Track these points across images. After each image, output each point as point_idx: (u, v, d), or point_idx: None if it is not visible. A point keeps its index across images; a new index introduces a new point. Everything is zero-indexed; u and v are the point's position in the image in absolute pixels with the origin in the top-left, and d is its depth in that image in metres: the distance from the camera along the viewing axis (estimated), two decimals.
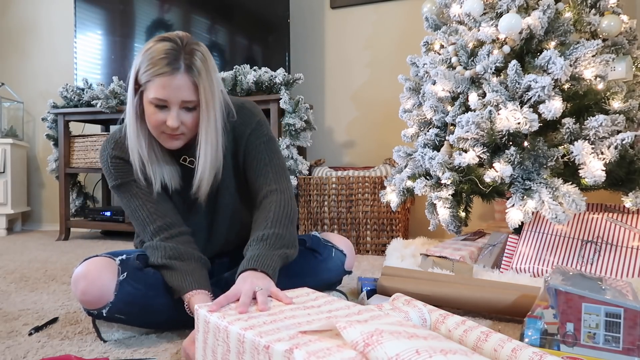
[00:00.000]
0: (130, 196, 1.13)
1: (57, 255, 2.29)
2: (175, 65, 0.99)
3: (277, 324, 0.72)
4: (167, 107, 1.02)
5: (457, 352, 0.59)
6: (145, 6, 2.81)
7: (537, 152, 1.49)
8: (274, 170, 1.15)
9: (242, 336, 0.70)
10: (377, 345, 0.58)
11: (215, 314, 0.79)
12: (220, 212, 1.22)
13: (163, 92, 0.99)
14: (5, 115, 3.32)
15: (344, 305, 0.83)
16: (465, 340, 0.95)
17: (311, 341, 0.64)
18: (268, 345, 0.64)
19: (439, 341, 0.63)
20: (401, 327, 0.67)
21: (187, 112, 1.04)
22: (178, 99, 1.00)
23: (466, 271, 1.47)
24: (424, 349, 0.57)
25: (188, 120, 1.04)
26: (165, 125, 1.03)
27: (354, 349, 0.61)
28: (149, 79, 1.00)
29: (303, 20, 2.81)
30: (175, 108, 1.01)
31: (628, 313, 0.83)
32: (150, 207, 1.12)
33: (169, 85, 0.99)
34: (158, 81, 0.99)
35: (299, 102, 2.32)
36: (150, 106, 1.02)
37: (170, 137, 1.05)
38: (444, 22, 1.90)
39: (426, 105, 1.77)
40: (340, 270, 1.31)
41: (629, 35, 1.72)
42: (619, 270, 1.42)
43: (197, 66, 1.01)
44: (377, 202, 2.26)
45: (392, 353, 0.56)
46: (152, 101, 1.01)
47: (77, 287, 1.01)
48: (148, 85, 1.01)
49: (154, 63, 0.99)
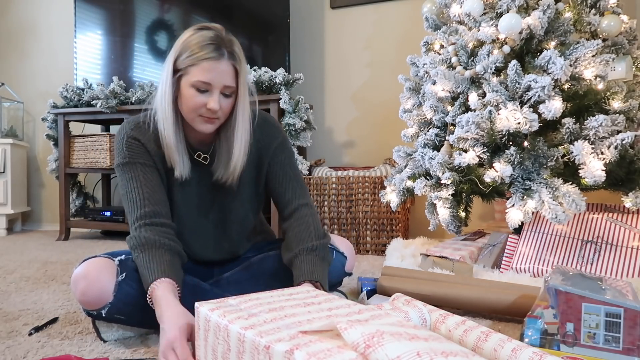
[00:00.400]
0: (132, 177, 1.13)
1: (57, 255, 2.29)
2: (220, 51, 1.05)
3: (278, 322, 0.72)
4: (208, 91, 1.07)
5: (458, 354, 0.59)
6: (145, 6, 2.81)
7: (537, 152, 1.49)
8: (300, 185, 1.24)
9: (242, 335, 0.69)
10: (378, 346, 0.58)
11: (216, 312, 0.78)
12: (230, 216, 1.24)
13: (208, 76, 1.05)
14: (5, 115, 3.32)
15: (344, 304, 0.83)
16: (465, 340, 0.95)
17: (312, 342, 0.64)
18: (268, 345, 0.64)
19: (440, 342, 0.63)
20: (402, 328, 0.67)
21: (225, 98, 1.09)
22: (221, 83, 1.06)
23: (466, 271, 1.47)
24: (425, 351, 0.57)
25: (225, 105, 1.10)
26: (204, 108, 1.07)
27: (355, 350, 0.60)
28: (192, 63, 1.05)
29: (303, 20, 2.81)
30: (217, 91, 1.07)
31: (628, 313, 0.83)
32: (146, 191, 1.12)
33: (214, 69, 1.05)
34: (204, 65, 1.04)
35: (299, 102, 2.32)
36: (190, 89, 1.06)
37: (207, 120, 1.09)
38: (444, 22, 1.90)
39: (426, 105, 1.77)
40: (341, 272, 1.31)
41: (629, 35, 1.72)
42: (619, 270, 1.42)
43: (238, 54, 1.09)
44: (377, 202, 2.26)
45: (393, 355, 0.56)
46: (195, 84, 1.05)
47: (77, 288, 1.01)
48: (191, 70, 1.06)
49: (200, 48, 1.05)
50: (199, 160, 1.19)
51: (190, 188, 1.19)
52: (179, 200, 1.19)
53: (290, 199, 1.22)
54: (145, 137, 1.14)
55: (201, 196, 1.21)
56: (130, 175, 1.13)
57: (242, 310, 0.79)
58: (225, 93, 1.09)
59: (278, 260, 1.23)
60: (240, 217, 1.26)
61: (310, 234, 1.15)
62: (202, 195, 1.21)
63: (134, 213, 1.10)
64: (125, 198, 1.13)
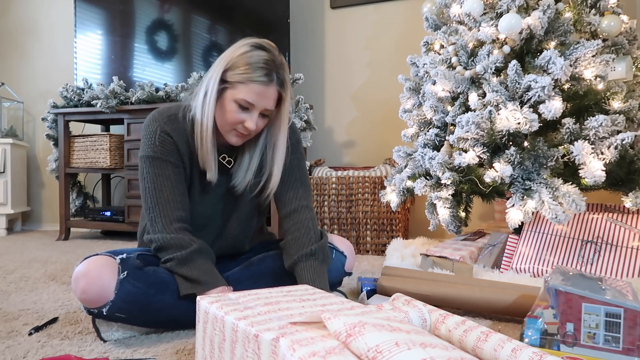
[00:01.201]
0: (162, 174, 1.13)
1: (57, 255, 2.29)
2: (271, 77, 1.09)
3: (270, 315, 0.75)
4: (249, 110, 1.10)
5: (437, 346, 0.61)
6: (145, 6, 2.81)
7: (537, 152, 1.49)
8: (304, 188, 1.26)
9: (235, 325, 0.73)
10: (359, 335, 0.60)
11: (214, 305, 0.82)
12: (234, 215, 1.26)
13: (254, 98, 1.08)
14: (5, 115, 3.32)
15: (338, 301, 0.86)
16: (465, 340, 0.95)
17: (298, 331, 0.67)
18: (257, 334, 0.67)
19: (421, 336, 0.65)
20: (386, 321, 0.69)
21: (262, 118, 1.13)
22: (264, 106, 1.10)
23: (466, 271, 1.47)
24: (404, 341, 0.59)
25: (260, 124, 1.14)
26: (241, 125, 1.11)
27: (337, 339, 0.63)
28: (242, 81, 1.07)
29: (303, 20, 2.81)
30: (257, 113, 1.10)
31: (628, 313, 0.83)
32: (178, 195, 1.14)
33: (262, 93, 1.08)
34: (253, 87, 1.07)
35: (299, 102, 2.32)
36: (233, 104, 1.09)
37: (239, 135, 1.13)
38: (444, 22, 1.90)
39: (426, 105, 1.77)
40: (341, 271, 1.31)
41: (629, 35, 1.72)
42: (619, 270, 1.42)
43: (286, 80, 1.13)
44: (377, 202, 2.26)
45: (372, 344, 0.58)
46: (239, 101, 1.08)
47: (78, 286, 1.01)
48: (239, 86, 1.08)
49: (253, 69, 1.07)
50: (223, 162, 1.21)
51: (209, 189, 1.21)
52: (197, 199, 1.21)
53: (291, 199, 1.23)
54: (178, 134, 1.15)
55: (216, 197, 1.23)
56: (161, 172, 1.13)
57: (240, 304, 0.82)
58: (264, 114, 1.12)
59: (278, 260, 1.24)
60: (244, 217, 1.28)
61: (310, 239, 1.18)
62: (217, 196, 1.23)
63: (167, 213, 1.11)
64: (153, 194, 1.12)
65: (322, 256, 1.17)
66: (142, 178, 1.14)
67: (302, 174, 1.27)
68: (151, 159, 1.13)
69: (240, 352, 0.71)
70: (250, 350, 0.69)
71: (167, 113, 1.16)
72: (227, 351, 0.75)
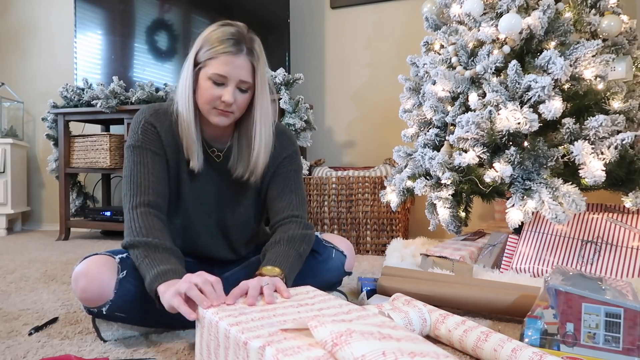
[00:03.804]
0: (140, 161, 1.13)
1: (57, 255, 2.29)
2: (239, 47, 1.08)
3: (263, 321, 0.75)
4: (224, 85, 1.09)
5: (428, 354, 0.60)
6: (145, 6, 2.81)
7: (537, 152, 1.49)
8: (298, 199, 1.23)
9: (227, 332, 0.73)
10: (345, 345, 0.60)
11: (210, 310, 0.81)
12: (232, 219, 1.25)
13: (225, 69, 1.07)
14: (5, 115, 3.32)
15: (336, 304, 0.85)
16: (465, 340, 0.95)
17: (285, 339, 0.67)
18: (246, 341, 0.67)
19: (412, 343, 0.64)
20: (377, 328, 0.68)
21: (241, 93, 1.11)
22: (237, 77, 1.08)
23: (466, 271, 1.47)
24: (392, 350, 0.59)
25: (240, 100, 1.11)
26: (219, 100, 1.09)
27: (323, 348, 0.63)
28: (212, 56, 1.08)
29: (303, 20, 2.81)
30: (232, 85, 1.09)
31: (628, 313, 0.83)
32: (152, 180, 1.12)
33: (231, 62, 1.07)
34: (222, 58, 1.07)
35: (299, 102, 2.32)
36: (207, 82, 1.09)
37: (221, 113, 1.11)
38: (444, 22, 1.90)
39: (426, 105, 1.77)
40: (341, 271, 1.31)
41: (629, 35, 1.72)
42: (619, 270, 1.42)
43: (257, 51, 1.11)
44: (377, 202, 2.26)
45: (359, 354, 0.58)
46: (212, 77, 1.08)
47: (77, 285, 1.01)
48: (210, 62, 1.08)
49: (219, 42, 1.08)
50: (212, 156, 1.20)
51: (199, 184, 1.20)
52: (187, 194, 1.20)
53: (283, 209, 1.20)
54: (163, 125, 1.15)
55: (208, 194, 1.21)
56: (139, 160, 1.13)
57: (236, 309, 0.82)
58: (241, 88, 1.10)
59: None
60: (242, 222, 1.26)
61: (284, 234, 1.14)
62: (209, 193, 1.21)
63: (136, 197, 1.10)
64: (128, 180, 1.12)
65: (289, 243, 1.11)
66: (123, 167, 1.16)
67: (298, 186, 1.24)
68: (132, 148, 1.14)
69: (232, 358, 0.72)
70: (240, 357, 0.69)
71: (155, 108, 1.18)
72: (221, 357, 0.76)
